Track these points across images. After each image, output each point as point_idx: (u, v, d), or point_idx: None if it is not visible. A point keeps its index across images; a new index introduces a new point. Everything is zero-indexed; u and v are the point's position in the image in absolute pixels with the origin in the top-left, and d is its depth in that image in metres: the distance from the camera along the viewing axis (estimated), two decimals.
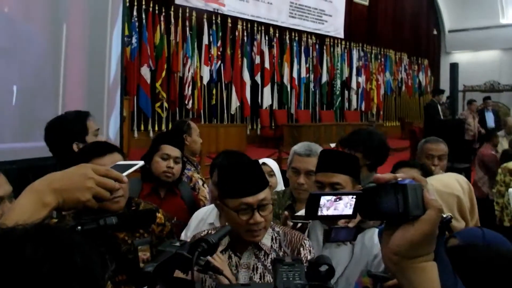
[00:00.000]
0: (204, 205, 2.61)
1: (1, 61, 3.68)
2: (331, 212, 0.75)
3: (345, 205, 0.75)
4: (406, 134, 12.07)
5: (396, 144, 10.58)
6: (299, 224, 1.72)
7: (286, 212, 1.81)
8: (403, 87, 15.07)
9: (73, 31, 4.38)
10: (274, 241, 1.55)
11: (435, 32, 16.57)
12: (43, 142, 4.10)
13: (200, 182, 2.92)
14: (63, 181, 0.87)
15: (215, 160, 2.18)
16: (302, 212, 1.78)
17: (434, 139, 2.96)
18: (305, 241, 1.57)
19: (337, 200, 0.75)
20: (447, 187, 1.45)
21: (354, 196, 0.74)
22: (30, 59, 3.96)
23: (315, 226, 1.76)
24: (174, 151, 2.33)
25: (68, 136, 2.19)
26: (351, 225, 1.54)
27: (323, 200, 0.75)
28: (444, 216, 0.79)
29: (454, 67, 14.47)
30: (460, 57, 16.33)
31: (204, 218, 2.03)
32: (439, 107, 8.96)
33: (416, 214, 0.69)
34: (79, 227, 0.93)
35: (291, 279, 1.00)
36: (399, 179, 0.71)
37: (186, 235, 2.00)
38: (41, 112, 4.10)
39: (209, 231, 1.55)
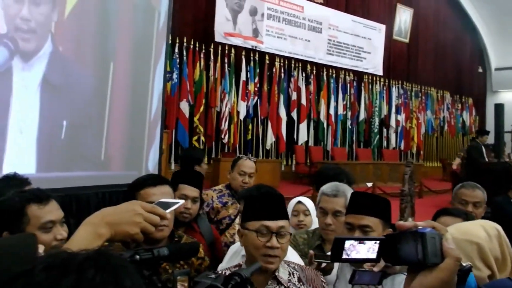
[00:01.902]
0: (228, 242, 2.64)
1: (54, 98, 3.91)
2: (354, 255, 0.79)
3: (367, 250, 0.79)
4: (447, 176, 11.68)
5: (436, 186, 10.26)
6: (324, 264, 1.75)
7: (311, 251, 1.83)
8: (445, 127, 14.62)
9: (119, 69, 4.61)
10: (291, 275, 1.60)
11: (480, 70, 16.06)
12: (84, 172, 4.28)
13: (238, 220, 2.92)
14: (115, 215, 0.99)
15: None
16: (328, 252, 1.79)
17: (471, 184, 2.86)
18: (322, 279, 1.67)
19: (361, 244, 0.79)
20: (466, 234, 1.42)
21: (378, 242, 0.79)
22: (79, 95, 4.19)
23: (343, 267, 1.76)
24: (192, 192, 2.31)
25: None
26: (376, 269, 1.54)
27: (348, 243, 0.79)
28: (464, 264, 0.80)
29: (499, 107, 14.02)
30: (508, 96, 15.71)
31: (238, 251, 2.06)
32: (483, 149, 8.54)
33: (434, 262, 0.73)
34: (137, 257, 1.03)
35: None
36: (419, 227, 0.75)
37: (222, 267, 2.03)
38: (85, 145, 4.31)
39: (240, 263, 1.66)
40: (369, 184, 8.91)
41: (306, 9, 10.81)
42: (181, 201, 1.22)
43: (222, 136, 8.95)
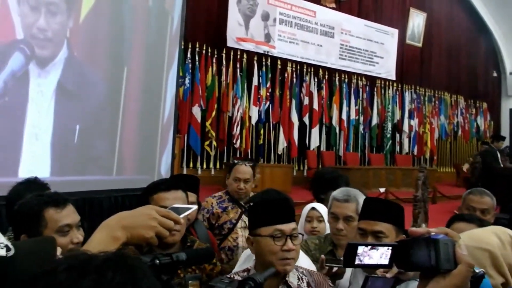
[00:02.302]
0: (232, 246, 2.66)
1: (69, 103, 3.96)
2: (367, 261, 0.81)
3: (380, 256, 0.81)
4: (461, 182, 11.53)
5: (450, 192, 10.12)
6: (335, 269, 1.77)
7: (322, 256, 1.85)
8: (459, 132, 14.40)
9: (132, 74, 4.65)
10: (301, 280, 1.63)
11: (495, 74, 15.83)
12: (97, 176, 4.31)
13: (240, 224, 2.93)
14: (130, 219, 1.02)
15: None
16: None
17: (479, 190, 2.80)
18: (330, 284, 1.71)
19: (373, 250, 0.81)
20: (478, 241, 1.39)
21: (390, 248, 0.81)
22: (93, 100, 4.23)
23: (357, 273, 1.77)
24: (189, 197, 2.29)
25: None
26: (389, 275, 1.50)
27: (360, 249, 0.81)
28: (477, 271, 0.81)
29: None
30: None
31: (251, 256, 2.05)
32: (498, 154, 8.45)
33: (447, 268, 0.75)
34: (157, 261, 1.06)
35: None
36: (432, 233, 0.77)
37: (233, 271, 2.05)
38: (98, 149, 4.34)
39: (248, 268, 1.69)
40: (382, 190, 8.84)
41: (319, 14, 10.80)
42: (194, 207, 1.26)
43: (234, 141, 8.95)
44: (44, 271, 0.63)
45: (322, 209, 2.55)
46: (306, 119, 10.24)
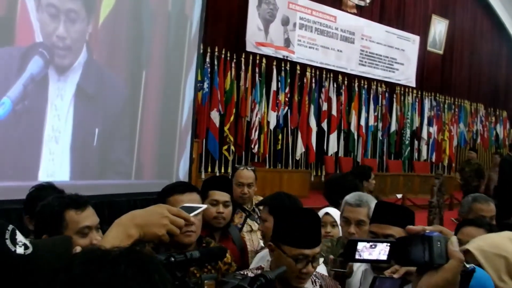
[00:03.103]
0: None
1: (88, 107, 3.98)
2: (366, 256, 0.86)
3: (379, 252, 0.86)
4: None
5: None
6: (341, 272, 1.83)
7: (331, 256, 1.91)
8: (478, 140, 14.29)
9: (151, 78, 4.66)
10: (314, 284, 1.67)
11: None
12: (116, 180, 4.32)
13: (246, 228, 2.90)
14: (143, 217, 1.06)
15: (264, 199, 2.25)
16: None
17: (484, 198, 2.83)
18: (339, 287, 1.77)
19: (373, 246, 0.86)
20: (495, 247, 1.44)
21: (389, 244, 0.86)
22: (112, 104, 4.25)
23: (367, 275, 1.82)
24: (222, 196, 2.34)
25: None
26: (396, 276, 1.50)
27: (360, 245, 0.86)
28: (468, 266, 0.86)
29: None
30: None
31: (265, 256, 2.10)
32: None
33: (440, 263, 0.80)
34: (172, 259, 1.09)
35: None
36: (427, 231, 0.83)
37: None
38: (117, 152, 4.36)
39: (262, 266, 1.76)
40: (399, 196, 8.78)
41: (339, 19, 10.73)
42: (204, 206, 1.34)
43: (252, 146, 8.93)
44: (62, 266, 0.67)
45: (335, 214, 2.57)
46: (324, 125, 10.18)
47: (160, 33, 4.82)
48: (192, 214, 1.15)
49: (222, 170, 8.70)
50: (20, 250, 0.88)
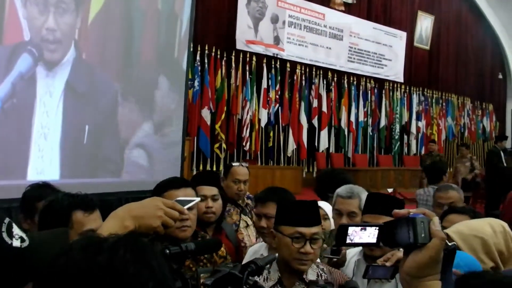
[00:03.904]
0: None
1: (77, 104, 3.97)
2: (357, 240, 0.92)
3: (368, 235, 0.91)
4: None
5: None
6: (335, 259, 1.88)
7: (325, 245, 1.92)
8: (466, 133, 14.51)
9: (141, 76, 4.65)
10: (319, 277, 1.67)
11: (500, 76, 15.98)
12: (107, 178, 4.31)
13: (242, 224, 2.92)
14: (139, 209, 1.08)
15: (259, 194, 2.25)
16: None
17: (445, 186, 2.98)
18: (346, 278, 1.76)
19: (363, 230, 0.91)
20: (472, 229, 1.56)
21: (377, 228, 0.91)
22: (102, 101, 4.24)
23: (360, 264, 1.88)
24: (210, 190, 2.33)
25: None
26: (388, 264, 1.60)
27: (351, 230, 0.91)
28: (449, 244, 0.91)
29: None
30: None
31: (258, 250, 2.14)
32: (502, 154, 8.66)
33: (423, 242, 0.85)
34: (167, 251, 1.11)
35: None
36: (411, 214, 0.88)
37: None
38: (107, 150, 4.34)
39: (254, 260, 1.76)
40: (390, 190, 8.87)
41: (328, 16, 10.79)
42: (198, 199, 1.38)
43: (244, 144, 8.95)
44: (61, 251, 0.68)
45: (326, 207, 2.59)
46: (315, 122, 10.24)
47: (150, 32, 4.82)
48: (186, 207, 1.18)
49: (214, 168, 8.71)
50: (16, 243, 0.89)
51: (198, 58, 8.48)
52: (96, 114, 4.16)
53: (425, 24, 13.41)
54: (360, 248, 1.97)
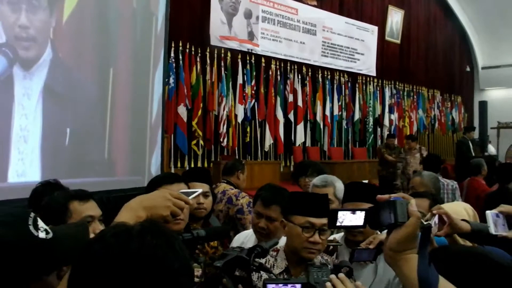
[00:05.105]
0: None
1: (56, 105, 3.92)
2: (346, 223, 1.07)
3: (356, 218, 1.05)
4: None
5: None
6: (331, 247, 1.96)
7: None
8: (436, 124, 14.94)
9: (119, 75, 4.63)
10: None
11: (468, 69, 16.52)
12: (88, 178, 4.28)
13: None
14: (150, 201, 1.18)
15: (259, 192, 2.27)
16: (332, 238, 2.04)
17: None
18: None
19: (352, 213, 1.05)
20: (455, 213, 1.71)
21: (363, 211, 1.06)
22: (80, 102, 4.20)
23: (342, 250, 1.99)
24: (202, 187, 2.36)
25: None
26: (371, 246, 1.71)
27: (340, 214, 1.07)
28: (425, 223, 1.04)
29: (482, 104, 14.65)
30: (494, 94, 16.33)
31: (245, 242, 2.17)
32: (470, 144, 9.03)
33: (402, 221, 0.99)
34: (180, 237, 1.19)
35: (320, 277, 1.32)
36: (392, 197, 1.03)
37: None
38: (89, 151, 4.31)
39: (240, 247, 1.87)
40: (365, 182, 8.99)
41: (300, 11, 10.88)
42: (200, 190, 1.46)
43: (221, 140, 8.96)
44: (94, 238, 0.76)
45: None
46: (291, 116, 10.33)
47: (126, 30, 4.79)
48: (190, 197, 1.29)
49: (192, 165, 8.71)
50: (42, 235, 0.95)
51: (172, 55, 8.42)
52: (76, 114, 4.12)
53: (395, 18, 13.68)
54: (342, 234, 2.07)
